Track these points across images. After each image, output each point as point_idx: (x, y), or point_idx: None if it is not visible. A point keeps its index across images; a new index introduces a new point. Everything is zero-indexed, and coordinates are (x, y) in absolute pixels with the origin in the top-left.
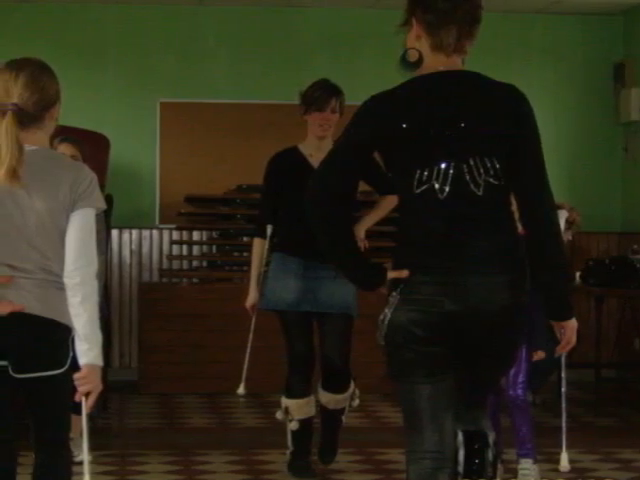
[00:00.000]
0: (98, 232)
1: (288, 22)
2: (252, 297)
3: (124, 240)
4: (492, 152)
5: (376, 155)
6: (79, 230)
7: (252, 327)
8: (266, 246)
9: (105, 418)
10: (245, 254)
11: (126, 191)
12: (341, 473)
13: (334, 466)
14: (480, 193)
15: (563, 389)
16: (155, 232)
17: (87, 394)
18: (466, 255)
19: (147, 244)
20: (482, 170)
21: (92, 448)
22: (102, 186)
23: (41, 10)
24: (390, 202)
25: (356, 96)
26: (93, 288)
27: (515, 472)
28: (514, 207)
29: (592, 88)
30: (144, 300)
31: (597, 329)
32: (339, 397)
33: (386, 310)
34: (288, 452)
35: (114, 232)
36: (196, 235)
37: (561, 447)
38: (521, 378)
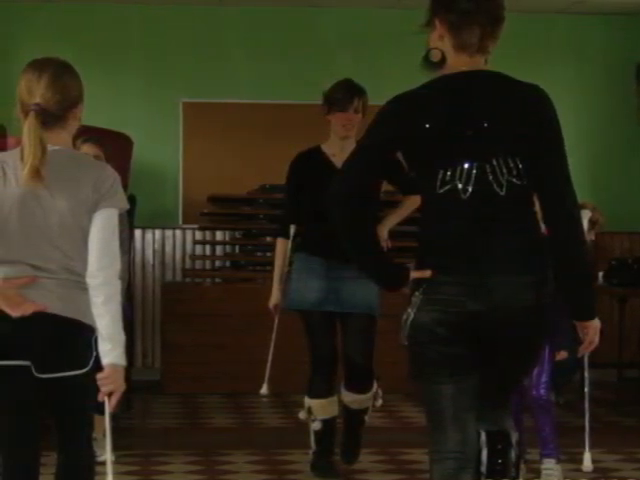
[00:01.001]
0: (121, 232)
1: (310, 22)
2: (275, 297)
3: (147, 240)
4: (515, 152)
5: (399, 155)
6: (102, 230)
7: (275, 327)
8: (289, 246)
9: (128, 418)
10: (268, 254)
11: (149, 191)
12: (364, 473)
13: (357, 466)
14: (503, 193)
15: (586, 389)
16: (178, 232)
17: (110, 394)
18: (489, 255)
19: (170, 244)
20: (505, 170)
21: (115, 448)
22: (125, 186)
23: (64, 10)
24: (413, 202)
25: (378, 96)
26: (116, 288)
27: (538, 472)
28: (537, 207)
29: (614, 88)
30: (167, 300)
31: (620, 329)
32: (362, 397)
33: (409, 310)
34: (311, 452)
35: (137, 232)
36: (219, 235)
37: (584, 447)
38: (544, 378)
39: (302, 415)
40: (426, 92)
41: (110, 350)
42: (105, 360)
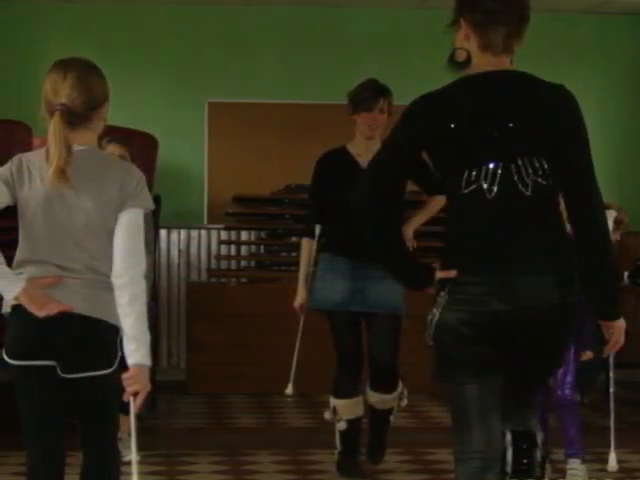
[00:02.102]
0: (146, 232)
1: (335, 22)
2: (300, 297)
3: (172, 240)
4: (540, 152)
5: (424, 155)
6: (127, 230)
7: (300, 327)
8: (314, 246)
9: (153, 418)
10: (293, 254)
11: (174, 191)
12: (389, 473)
13: (382, 466)
14: (528, 193)
15: (611, 389)
16: (203, 232)
17: (135, 394)
18: (514, 255)
19: (195, 244)
20: (530, 170)
21: (140, 448)
22: (150, 186)
23: (89, 10)
24: (438, 202)
25: (404, 96)
26: (141, 288)
27: (563, 472)
28: (562, 207)
29: None
30: (192, 300)
31: None
32: (387, 397)
33: (434, 310)
34: (336, 452)
35: (162, 232)
36: (244, 235)
37: (609, 447)
38: (569, 378)
39: (327, 415)
40: (451, 92)
41: (135, 350)
42: (130, 360)
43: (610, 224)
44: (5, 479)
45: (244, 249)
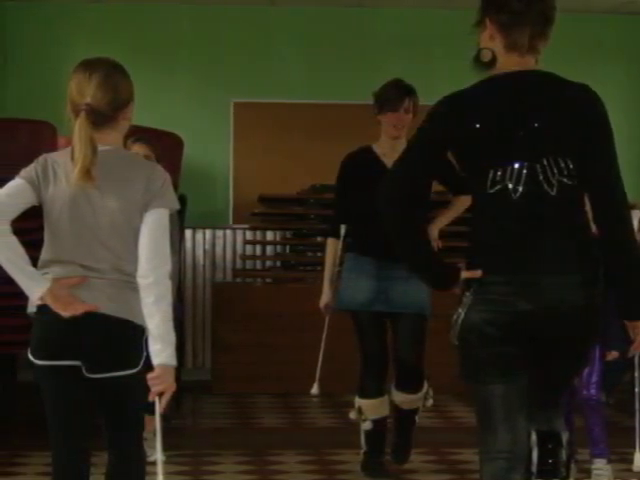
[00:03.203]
0: (171, 232)
1: (361, 22)
2: (326, 297)
3: (198, 240)
4: (565, 152)
5: (449, 155)
6: (152, 230)
7: (326, 327)
8: (340, 246)
9: (178, 418)
10: (319, 254)
11: (200, 191)
12: (415, 473)
13: (408, 466)
14: (553, 193)
15: (637, 389)
16: (229, 232)
17: (160, 394)
18: (539, 255)
19: (220, 244)
20: (555, 170)
21: (165, 448)
22: (175, 186)
23: (114, 10)
24: (463, 202)
25: (429, 96)
26: (167, 288)
27: (588, 472)
28: (588, 207)
29: None
30: (217, 300)
31: None
32: (413, 397)
33: (460, 310)
34: (362, 452)
35: (188, 232)
36: (270, 235)
37: (634, 447)
38: (594, 378)
39: (353, 415)
40: (476, 92)
41: (160, 350)
42: (156, 360)
43: (635, 224)
44: (30, 479)
45: (269, 249)
